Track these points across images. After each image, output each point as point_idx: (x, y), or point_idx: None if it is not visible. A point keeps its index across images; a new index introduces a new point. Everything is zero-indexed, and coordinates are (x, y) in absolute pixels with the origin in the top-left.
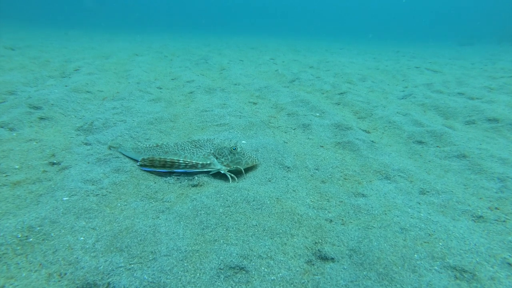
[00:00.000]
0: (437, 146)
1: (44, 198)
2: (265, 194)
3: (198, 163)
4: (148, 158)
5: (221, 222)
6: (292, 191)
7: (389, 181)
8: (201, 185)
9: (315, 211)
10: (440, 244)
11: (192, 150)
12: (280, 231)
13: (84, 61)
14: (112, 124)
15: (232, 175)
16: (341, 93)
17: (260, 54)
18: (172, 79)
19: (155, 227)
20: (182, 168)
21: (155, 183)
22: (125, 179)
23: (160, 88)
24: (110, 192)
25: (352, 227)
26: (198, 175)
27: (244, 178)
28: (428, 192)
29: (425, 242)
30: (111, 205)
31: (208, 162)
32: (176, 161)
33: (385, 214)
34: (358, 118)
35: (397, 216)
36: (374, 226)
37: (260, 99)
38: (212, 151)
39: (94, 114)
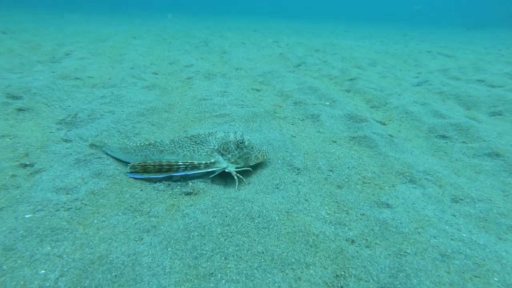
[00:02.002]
0: (463, 142)
1: (3, 213)
2: (272, 206)
3: (201, 163)
4: (140, 163)
5: (219, 248)
6: (304, 201)
7: (414, 186)
8: (195, 194)
9: (333, 228)
10: (496, 279)
11: (193, 147)
12: (293, 259)
13: (78, 45)
14: (98, 115)
15: (240, 176)
16: (351, 79)
17: (263, 36)
18: (170, 64)
19: (136, 256)
20: (182, 171)
21: (141, 190)
22: (106, 186)
23: (156, 74)
24: (86, 205)
25: (381, 252)
26: (193, 181)
27: (251, 178)
28: (462, 200)
29: (475, 277)
30: (86, 222)
31: (213, 161)
32: (174, 163)
33: (419, 233)
34: (371, 107)
35: (434, 237)
36: (408, 251)
37: (264, 85)
38: (216, 147)
39: (80, 104)
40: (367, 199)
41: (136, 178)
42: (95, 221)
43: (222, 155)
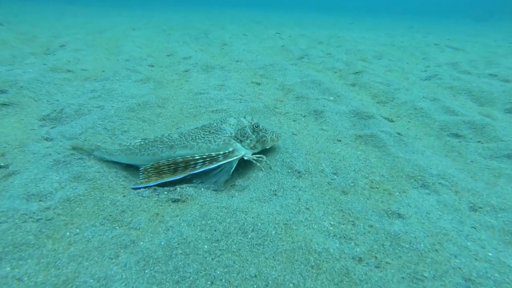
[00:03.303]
0: (479, 141)
1: None
2: (269, 218)
3: (219, 154)
4: (152, 165)
5: (205, 269)
6: (305, 210)
7: (428, 191)
8: (183, 201)
9: (338, 243)
10: None
11: (208, 137)
12: (291, 285)
13: (74, 36)
14: (86, 111)
15: (263, 160)
16: (356, 72)
17: (265, 28)
18: (168, 55)
19: (107, 281)
20: (200, 167)
21: (124, 196)
22: (84, 191)
23: (152, 66)
24: (59, 214)
25: (393, 275)
26: (181, 186)
27: (245, 183)
28: (481, 208)
29: None
30: (57, 235)
31: (231, 149)
32: (190, 159)
33: (436, 250)
34: (378, 102)
35: (455, 257)
36: (426, 274)
37: (265, 78)
38: (233, 134)
39: (68, 99)
40: (376, 208)
41: (149, 186)
42: (67, 233)
43: (240, 141)
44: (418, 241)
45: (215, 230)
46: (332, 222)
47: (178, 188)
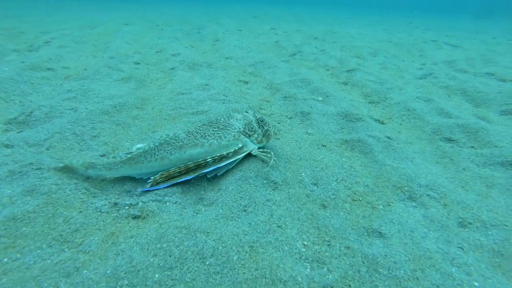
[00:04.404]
0: (472, 147)
1: None
2: (233, 240)
3: (229, 152)
4: (162, 174)
5: None
6: (277, 228)
7: (415, 204)
8: (144, 218)
9: (309, 268)
10: None
11: (218, 133)
12: None
13: (63, 32)
14: (58, 114)
15: (272, 156)
16: (349, 70)
17: (262, 23)
18: (157, 52)
19: None
20: (210, 166)
21: (80, 212)
22: (35, 207)
23: (138, 64)
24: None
25: None
26: (144, 201)
27: (213, 196)
28: (471, 224)
29: None
30: None
31: (240, 145)
32: (202, 161)
33: (417, 279)
34: (370, 103)
35: (437, 287)
36: None
37: (253, 76)
38: (242, 129)
39: (40, 100)
40: (356, 224)
41: (162, 188)
42: (5, 260)
43: (248, 136)
44: (398, 266)
45: (170, 255)
46: (305, 242)
47: (140, 203)
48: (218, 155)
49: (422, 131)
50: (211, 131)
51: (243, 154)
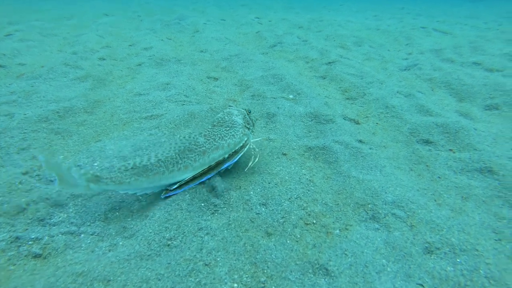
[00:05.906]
0: (450, 150)
1: None
2: None
3: (240, 146)
4: (186, 181)
5: None
6: (203, 267)
7: (377, 226)
8: (44, 257)
9: None
10: None
11: (230, 133)
12: None
13: (33, 23)
14: None
15: (258, 152)
16: (330, 62)
17: (249, 12)
18: (129, 45)
19: None
20: (226, 161)
21: None
22: None
23: (103, 60)
24: None
25: None
26: (52, 234)
27: (135, 226)
28: (438, 249)
29: None
30: None
31: (246, 139)
32: (221, 160)
33: None
34: (347, 99)
35: None
36: None
37: (226, 72)
38: (243, 124)
39: None
40: (302, 258)
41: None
42: None
43: (247, 129)
44: None
45: None
46: (235, 285)
47: (46, 237)
48: (232, 151)
49: (399, 131)
50: (224, 132)
51: (248, 146)
